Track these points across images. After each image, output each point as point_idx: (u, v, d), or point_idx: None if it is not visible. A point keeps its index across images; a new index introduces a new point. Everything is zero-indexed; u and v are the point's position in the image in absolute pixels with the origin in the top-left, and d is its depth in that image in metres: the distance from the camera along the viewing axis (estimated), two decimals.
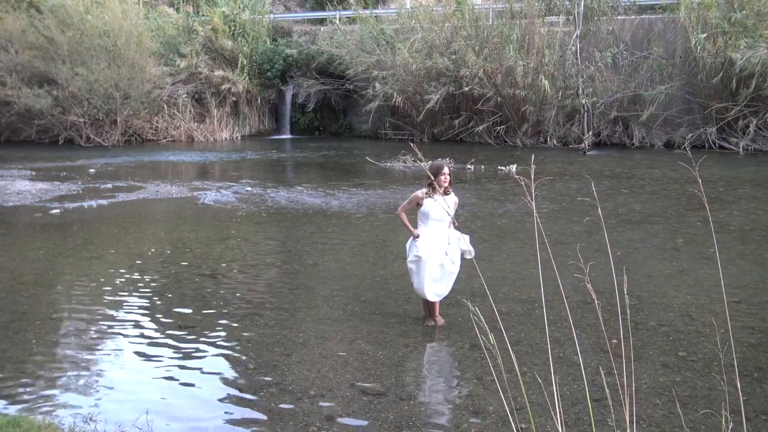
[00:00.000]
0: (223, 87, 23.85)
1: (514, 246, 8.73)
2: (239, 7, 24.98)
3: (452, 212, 5.61)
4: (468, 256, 5.67)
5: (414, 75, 21.41)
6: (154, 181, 14.51)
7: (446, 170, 5.64)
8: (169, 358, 5.31)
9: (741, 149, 17.98)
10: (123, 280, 7.42)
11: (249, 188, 13.63)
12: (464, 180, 14.15)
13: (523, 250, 8.41)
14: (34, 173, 15.73)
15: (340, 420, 4.20)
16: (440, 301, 5.82)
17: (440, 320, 5.80)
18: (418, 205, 5.71)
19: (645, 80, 19.52)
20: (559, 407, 2.67)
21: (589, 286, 2.67)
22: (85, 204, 11.94)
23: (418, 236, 5.66)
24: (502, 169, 15.45)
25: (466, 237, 5.77)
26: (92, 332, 5.89)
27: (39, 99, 21.48)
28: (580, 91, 19.66)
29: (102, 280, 7.42)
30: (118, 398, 4.63)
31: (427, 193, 5.64)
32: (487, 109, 20.72)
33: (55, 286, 7.20)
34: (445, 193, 5.69)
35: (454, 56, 20.98)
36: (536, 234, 2.89)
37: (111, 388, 4.81)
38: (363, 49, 22.64)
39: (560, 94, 20.16)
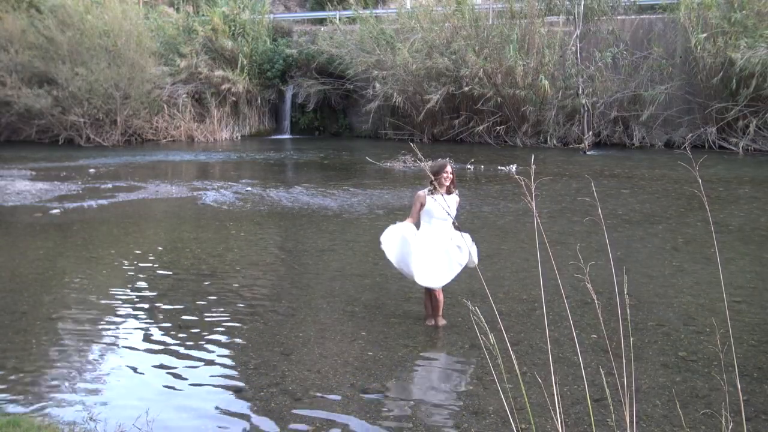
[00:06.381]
0: (223, 87, 23.86)
1: (514, 246, 8.73)
2: (239, 7, 24.99)
3: (453, 211, 5.59)
4: (471, 265, 5.60)
5: (414, 75, 21.42)
6: (154, 181, 14.51)
7: (448, 169, 5.60)
8: (169, 357, 5.31)
9: (741, 149, 17.99)
10: (123, 280, 7.41)
11: (249, 188, 13.63)
12: (464, 180, 14.14)
13: (523, 250, 8.40)
14: (34, 173, 15.73)
15: (340, 420, 4.20)
16: (441, 300, 5.80)
17: (441, 320, 5.79)
18: (422, 204, 5.69)
19: (645, 80, 19.53)
20: (559, 407, 2.67)
21: (589, 286, 2.67)
22: (85, 204, 11.94)
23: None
24: (502, 169, 15.45)
25: (474, 248, 5.61)
26: (92, 332, 5.88)
27: (39, 99, 21.50)
28: (580, 91, 19.66)
29: (102, 280, 7.43)
30: (118, 398, 4.63)
31: (430, 191, 5.62)
32: (487, 109, 20.73)
33: (55, 286, 7.20)
34: (448, 192, 5.66)
35: (454, 56, 20.98)
36: (536, 234, 2.89)
37: (111, 388, 4.80)
38: (363, 49, 22.64)
39: (560, 94, 20.17)
